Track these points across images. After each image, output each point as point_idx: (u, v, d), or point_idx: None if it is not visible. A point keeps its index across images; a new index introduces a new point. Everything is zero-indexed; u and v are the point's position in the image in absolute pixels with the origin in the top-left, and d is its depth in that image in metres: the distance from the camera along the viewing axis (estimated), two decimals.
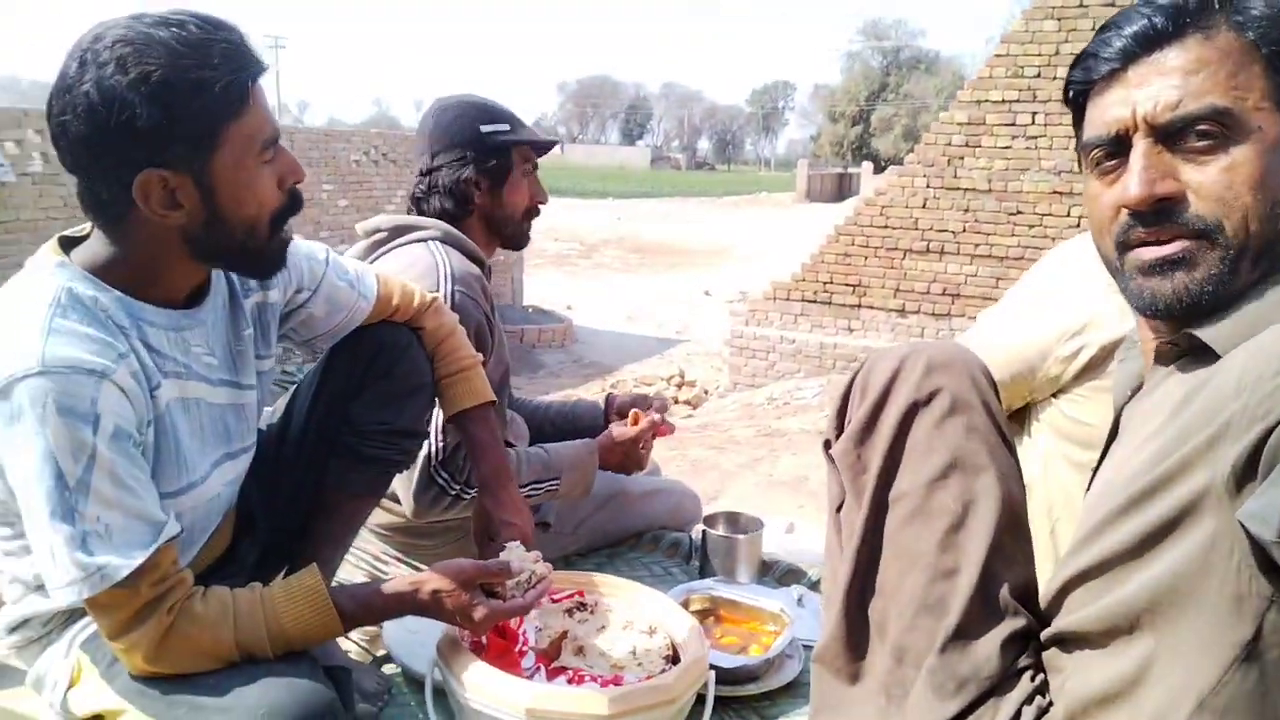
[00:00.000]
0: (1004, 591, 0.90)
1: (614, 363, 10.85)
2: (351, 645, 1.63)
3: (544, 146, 1.86)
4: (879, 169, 32.49)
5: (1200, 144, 0.83)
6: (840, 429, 1.04)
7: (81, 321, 1.04)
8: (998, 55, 7.62)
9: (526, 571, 1.22)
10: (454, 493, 1.68)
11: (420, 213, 1.78)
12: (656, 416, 1.85)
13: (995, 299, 7.11)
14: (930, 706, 0.87)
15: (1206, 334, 0.83)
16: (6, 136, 7.01)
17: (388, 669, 1.54)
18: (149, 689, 1.08)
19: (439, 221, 1.75)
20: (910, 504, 0.94)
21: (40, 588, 1.16)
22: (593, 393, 8.85)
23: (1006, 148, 7.59)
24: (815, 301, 8.44)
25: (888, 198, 8.09)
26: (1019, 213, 7.59)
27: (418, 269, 1.64)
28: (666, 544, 2.03)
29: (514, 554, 1.26)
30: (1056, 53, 7.30)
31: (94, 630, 1.15)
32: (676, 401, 8.83)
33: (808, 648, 1.60)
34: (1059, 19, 7.27)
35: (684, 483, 2.20)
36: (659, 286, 15.86)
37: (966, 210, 7.76)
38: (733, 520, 1.89)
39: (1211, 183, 0.83)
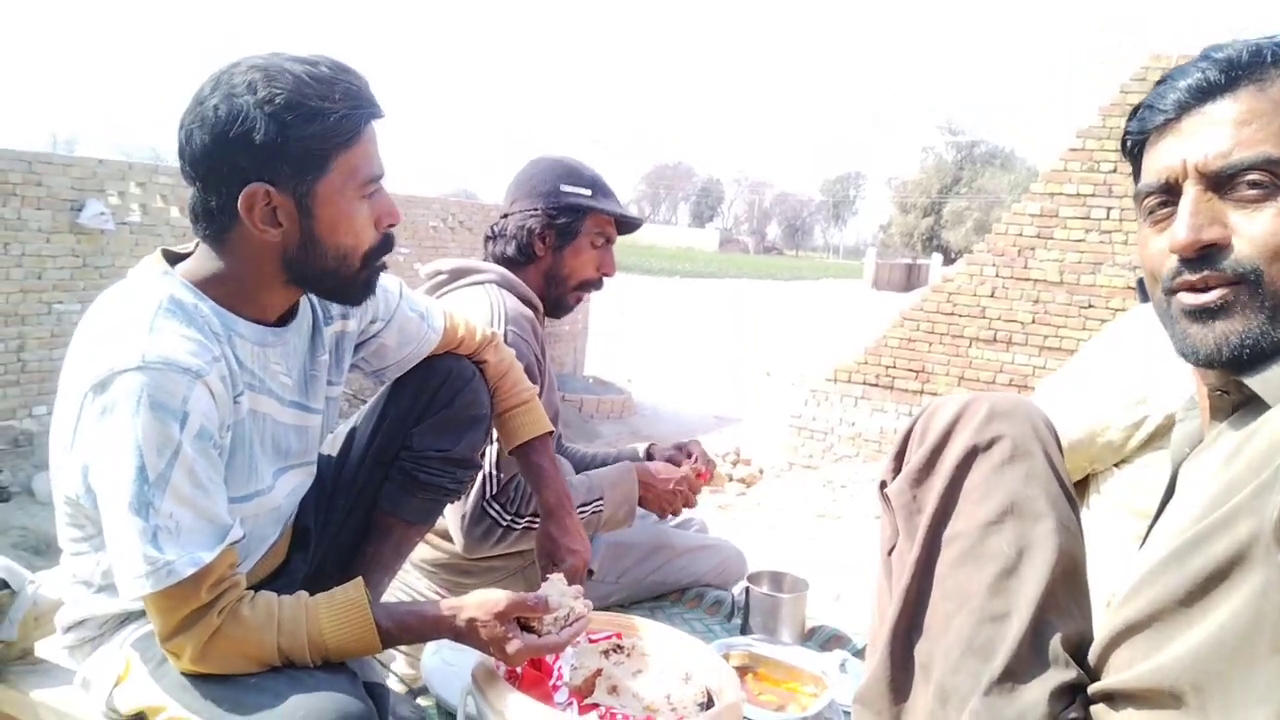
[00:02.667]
0: (1055, 641, 0.87)
1: (670, 437, 10.75)
2: (391, 676, 1.63)
3: (625, 223, 1.89)
4: (949, 261, 32.33)
5: (1251, 193, 0.84)
6: (897, 471, 1.03)
7: (181, 323, 1.11)
8: (1073, 149, 7.60)
9: (565, 608, 1.21)
10: (505, 524, 1.71)
11: (487, 254, 1.84)
12: (699, 465, 1.86)
13: None
14: None
15: (1256, 383, 0.83)
16: (111, 188, 7.44)
17: (422, 701, 1.53)
18: (193, 687, 1.10)
19: (497, 266, 1.82)
20: (963, 545, 0.92)
21: (103, 589, 1.20)
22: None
23: (1080, 241, 7.50)
24: (877, 385, 8.34)
25: (955, 285, 8.03)
26: (1091, 306, 7.46)
27: (473, 309, 1.69)
28: (709, 602, 1.99)
29: (554, 589, 1.25)
30: None
31: (147, 631, 1.18)
32: (731, 479, 8.73)
33: (848, 714, 1.54)
34: None
35: (731, 541, 2.17)
36: (721, 365, 15.85)
37: (1036, 301, 7.66)
38: (777, 580, 1.85)
39: (1258, 230, 0.83)
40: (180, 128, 1.13)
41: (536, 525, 1.70)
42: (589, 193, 1.83)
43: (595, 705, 1.27)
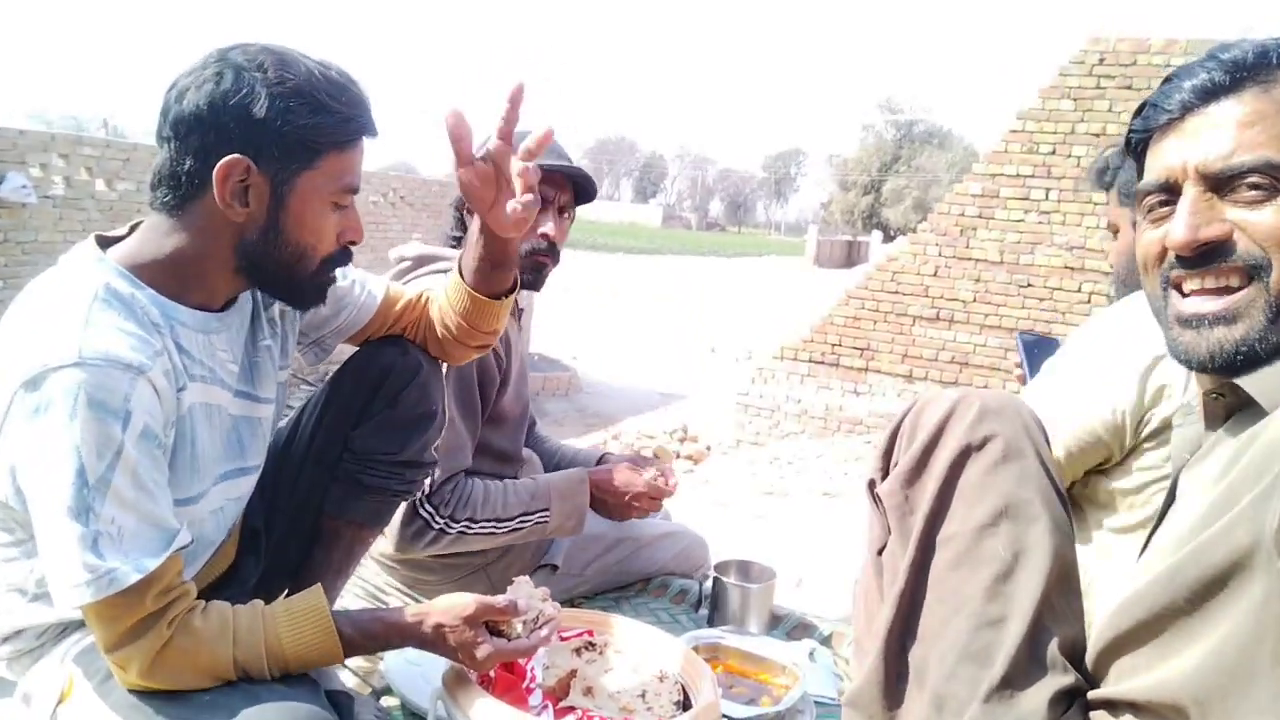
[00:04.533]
0: (1053, 646, 0.86)
1: (617, 414, 10.78)
2: (349, 675, 1.57)
3: (576, 185, 1.74)
4: (888, 238, 32.79)
5: (1250, 195, 0.83)
6: (886, 469, 1.01)
7: (120, 316, 1.04)
8: (1013, 131, 7.71)
9: (534, 610, 1.18)
10: (437, 527, 1.63)
11: (448, 242, 1.76)
12: (663, 478, 1.79)
13: (1003, 369, 7.05)
14: None
15: (1252, 386, 0.82)
16: (33, 160, 7.09)
17: (386, 701, 1.48)
18: (144, 705, 1.04)
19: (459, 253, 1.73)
20: (958, 548, 0.91)
21: (38, 598, 1.12)
22: (594, 442, 8.78)
23: (1019, 221, 7.64)
24: (823, 363, 8.42)
25: (899, 264, 8.12)
26: (1029, 285, 7.61)
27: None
28: (675, 591, 1.97)
29: (521, 590, 1.21)
30: (1072, 131, 7.40)
31: (88, 644, 1.11)
32: (679, 456, 8.76)
33: (819, 704, 1.54)
34: (1075, 99, 7.38)
35: (690, 528, 2.15)
36: (665, 341, 15.86)
37: (978, 280, 7.79)
38: (744, 569, 1.84)
39: (1261, 223, 0.83)
40: (171, 87, 1.08)
41: (473, 530, 1.64)
42: None
43: (571, 709, 1.23)
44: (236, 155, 1.06)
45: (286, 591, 1.49)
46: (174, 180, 1.09)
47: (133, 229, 1.15)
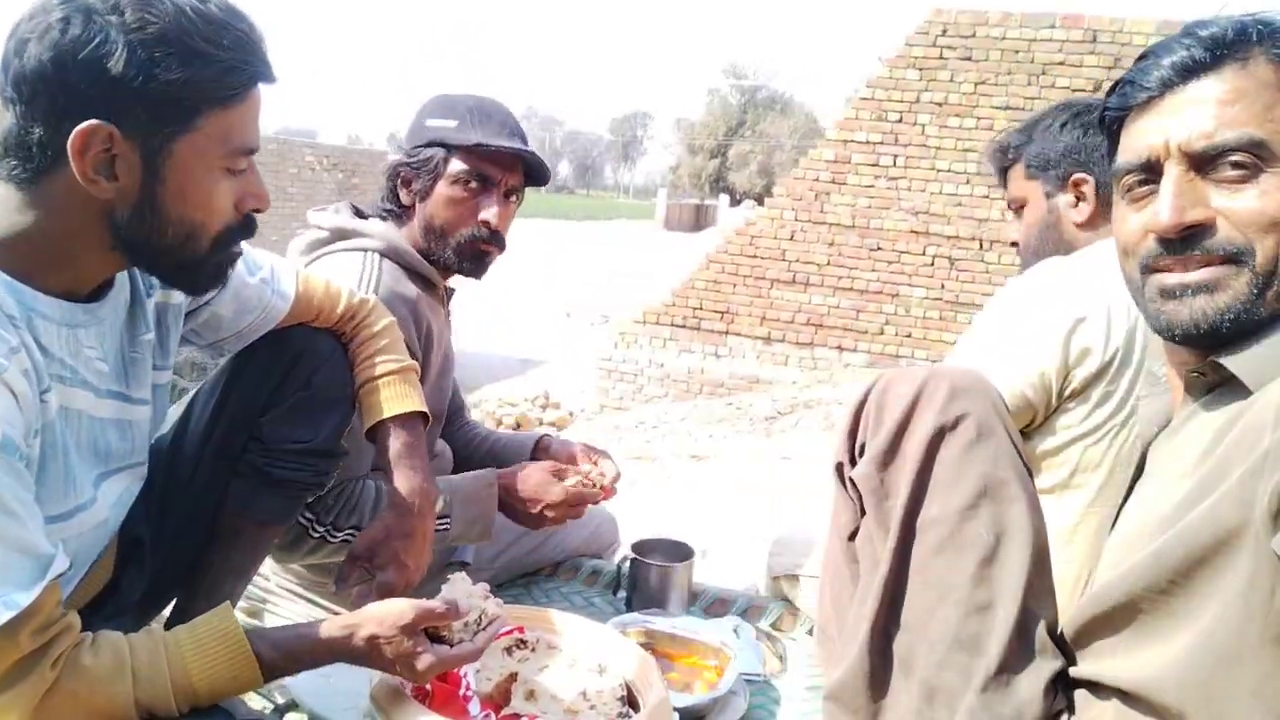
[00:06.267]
0: (1041, 630, 0.85)
1: (475, 382, 10.56)
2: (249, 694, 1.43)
3: (525, 165, 1.56)
4: (735, 202, 33.49)
5: (1233, 174, 0.83)
6: (851, 450, 0.97)
7: None
8: (863, 99, 7.97)
9: (475, 611, 1.08)
10: (317, 535, 1.48)
11: (378, 213, 1.58)
12: (594, 481, 1.59)
13: (855, 330, 7.34)
14: None
15: (1233, 363, 0.82)
16: None
17: (293, 718, 1.35)
18: None
19: (387, 230, 1.55)
20: (940, 532, 0.88)
21: None
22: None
23: (869, 186, 7.93)
24: (685, 327, 8.51)
25: (757, 228, 8.28)
26: (879, 249, 7.93)
27: (340, 280, 1.42)
28: (586, 572, 1.91)
29: (459, 589, 1.11)
30: (917, 100, 7.71)
31: None
32: (541, 424, 8.66)
33: (750, 681, 1.52)
34: (920, 69, 7.68)
35: (599, 505, 2.08)
36: (518, 307, 15.63)
37: (831, 244, 8.05)
38: (659, 548, 1.79)
39: (1243, 209, 0.82)
40: (10, 35, 0.89)
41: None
42: (454, 124, 1.52)
43: (515, 716, 1.15)
44: (95, 121, 0.88)
45: (176, 601, 1.33)
46: (23, 151, 0.90)
47: None
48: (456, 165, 1.53)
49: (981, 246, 7.50)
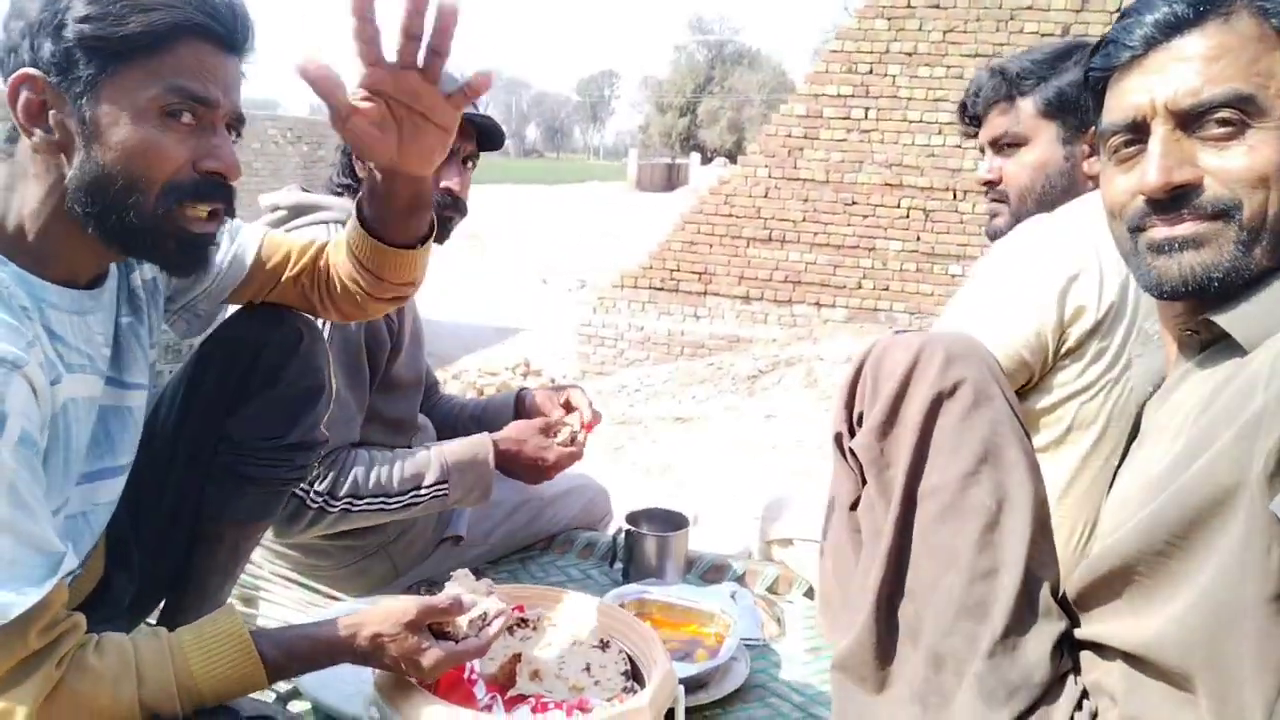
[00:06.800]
0: (1044, 592, 0.86)
1: (453, 352, 10.49)
2: None
3: (480, 131, 1.54)
4: (706, 160, 33.27)
5: (1220, 130, 0.82)
6: (850, 421, 0.97)
7: None
8: (833, 51, 7.90)
9: (479, 607, 1.08)
10: (316, 506, 1.48)
11: (333, 189, 1.56)
12: (581, 419, 1.63)
13: (833, 285, 7.35)
14: (979, 715, 0.82)
15: (1225, 320, 0.82)
16: None
17: (295, 707, 1.34)
18: None
19: (345, 202, 1.53)
20: (942, 500, 0.88)
21: None
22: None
23: (842, 140, 7.89)
24: (663, 289, 8.49)
25: (731, 187, 8.24)
26: (854, 203, 7.92)
27: None
28: (581, 544, 1.91)
29: (462, 585, 1.11)
30: (887, 50, 7.65)
31: None
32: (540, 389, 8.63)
33: (750, 647, 1.54)
34: (889, 18, 7.61)
35: (591, 477, 2.09)
36: (493, 274, 15.51)
37: (806, 200, 8.02)
38: (653, 517, 1.79)
39: (1231, 167, 0.82)
40: None
41: (358, 508, 1.50)
42: None
43: (521, 697, 1.15)
44: (25, 70, 0.89)
45: (165, 602, 1.32)
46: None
47: None
48: None
49: (955, 197, 7.50)
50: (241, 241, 1.23)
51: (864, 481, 0.96)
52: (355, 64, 0.94)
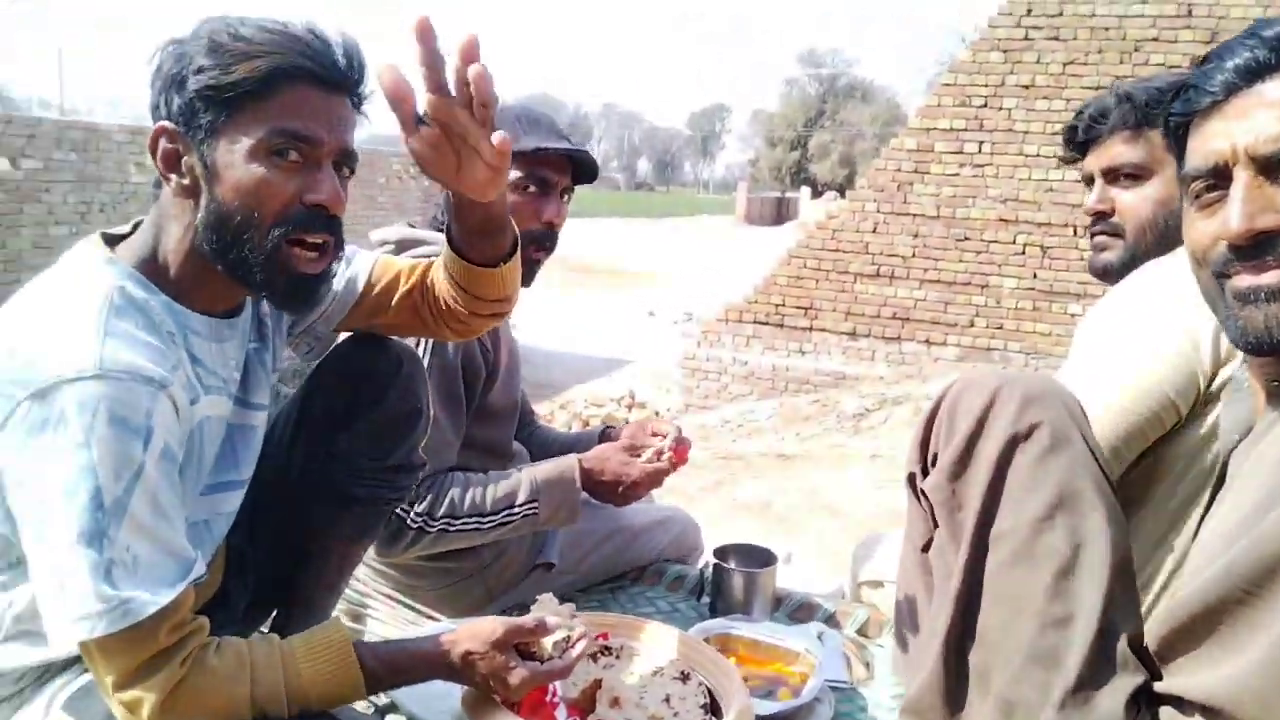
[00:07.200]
0: (1122, 644, 0.84)
1: (562, 382, 10.70)
2: None
3: (575, 164, 1.62)
4: (816, 194, 33.03)
5: None
6: (924, 461, 0.98)
7: (138, 325, 0.96)
8: (945, 84, 7.78)
9: (564, 630, 1.12)
10: (416, 526, 1.55)
11: (436, 225, 1.66)
12: (668, 449, 1.67)
13: (944, 323, 7.16)
14: None
15: None
16: None
17: None
18: None
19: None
20: (1014, 544, 0.88)
21: (16, 637, 1.03)
22: (542, 413, 8.69)
23: (954, 175, 7.73)
24: (767, 324, 8.46)
25: (839, 221, 8.17)
26: (966, 239, 7.74)
27: None
28: (670, 577, 1.94)
29: (547, 608, 1.16)
30: (1002, 84, 7.49)
31: (80, 687, 1.03)
32: (627, 424, 8.72)
33: (835, 689, 1.53)
34: (1004, 51, 7.46)
35: (682, 510, 2.12)
36: (601, 306, 15.77)
37: (916, 235, 7.88)
38: (743, 553, 1.80)
39: None
40: None
41: (455, 528, 1.56)
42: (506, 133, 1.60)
43: None
44: (161, 123, 1.01)
45: (275, 614, 1.42)
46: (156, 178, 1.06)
47: (135, 226, 1.08)
48: (514, 173, 1.58)
49: (1075, 233, 7.23)
50: (355, 266, 1.32)
51: (936, 524, 0.96)
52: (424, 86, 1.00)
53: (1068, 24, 7.24)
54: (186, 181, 1.02)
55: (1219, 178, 0.85)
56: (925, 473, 0.99)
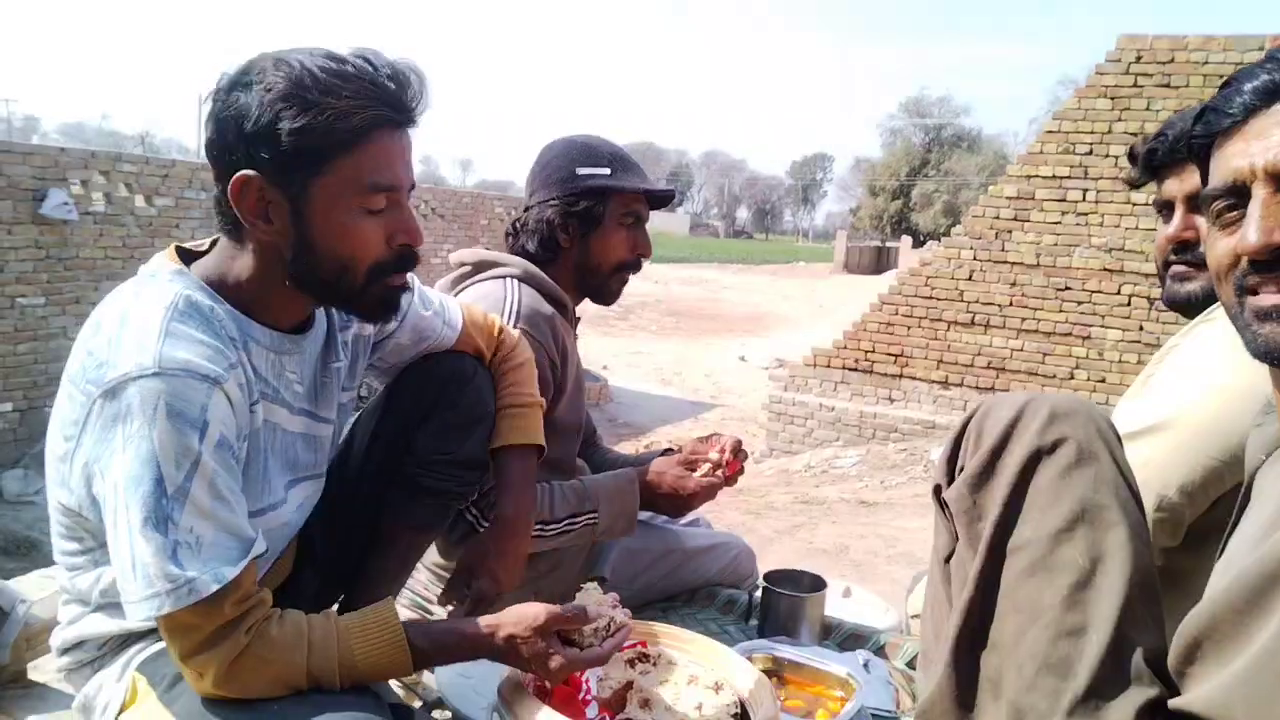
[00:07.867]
0: (1137, 657, 0.83)
1: (648, 424, 10.77)
2: (395, 685, 1.56)
3: (655, 197, 1.76)
4: (918, 244, 32.52)
5: None
6: (951, 475, 0.98)
7: (197, 328, 1.04)
8: (1049, 131, 7.62)
9: (605, 618, 1.16)
10: (483, 529, 1.62)
11: (512, 250, 1.76)
12: (724, 459, 1.72)
13: (1041, 374, 6.91)
14: None
15: None
16: (73, 177, 7.23)
17: (438, 715, 1.47)
18: (210, 713, 1.03)
19: (521, 259, 1.72)
20: (1032, 555, 0.88)
21: (101, 608, 1.13)
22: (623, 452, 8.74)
23: (1056, 223, 7.54)
24: (856, 370, 8.36)
25: (933, 268, 8.05)
26: (1067, 288, 7.51)
27: (486, 303, 1.61)
28: (722, 600, 1.95)
29: (590, 598, 1.20)
30: (1109, 130, 7.29)
31: (153, 652, 1.12)
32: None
33: (877, 717, 1.51)
34: (1112, 98, 7.28)
35: (738, 536, 2.12)
36: (694, 351, 15.83)
37: (1013, 284, 7.70)
38: (794, 579, 1.81)
39: None
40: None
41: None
42: (608, 171, 1.70)
43: None
44: (243, 172, 1.04)
45: (341, 599, 1.50)
46: (219, 208, 1.10)
47: (214, 244, 1.16)
48: (617, 208, 1.72)
49: None
50: (450, 321, 1.44)
51: (957, 535, 0.96)
52: None
53: (1179, 70, 7.03)
54: (275, 226, 1.08)
55: (1238, 196, 0.85)
56: (950, 485, 1.00)
